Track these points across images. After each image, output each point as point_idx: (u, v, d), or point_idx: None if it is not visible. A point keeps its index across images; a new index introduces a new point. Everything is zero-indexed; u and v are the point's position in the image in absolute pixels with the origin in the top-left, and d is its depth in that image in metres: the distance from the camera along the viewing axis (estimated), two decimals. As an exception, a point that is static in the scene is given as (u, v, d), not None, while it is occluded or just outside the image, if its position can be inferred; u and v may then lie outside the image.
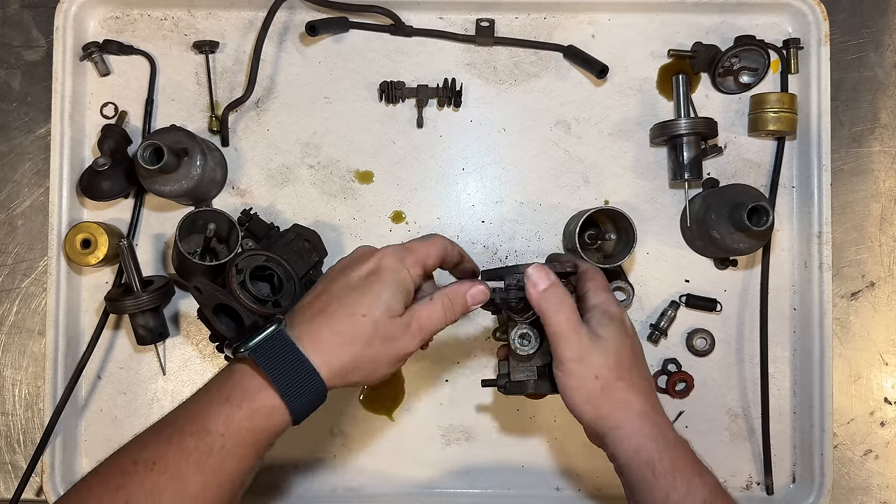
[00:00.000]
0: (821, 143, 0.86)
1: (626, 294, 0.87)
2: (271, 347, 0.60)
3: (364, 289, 0.62)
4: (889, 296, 0.91)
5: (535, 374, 0.71)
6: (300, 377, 0.59)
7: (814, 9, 0.87)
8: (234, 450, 0.58)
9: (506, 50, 0.89)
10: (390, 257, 0.64)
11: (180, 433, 0.58)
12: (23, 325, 0.90)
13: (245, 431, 0.58)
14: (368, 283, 0.63)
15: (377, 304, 0.61)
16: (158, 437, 0.59)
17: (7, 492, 0.88)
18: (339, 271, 0.65)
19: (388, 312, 0.62)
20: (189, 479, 0.57)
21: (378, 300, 0.62)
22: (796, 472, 0.88)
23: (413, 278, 0.64)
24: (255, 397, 0.59)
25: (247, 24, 0.89)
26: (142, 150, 0.77)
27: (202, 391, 0.61)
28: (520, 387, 0.71)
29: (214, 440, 0.57)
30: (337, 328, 0.61)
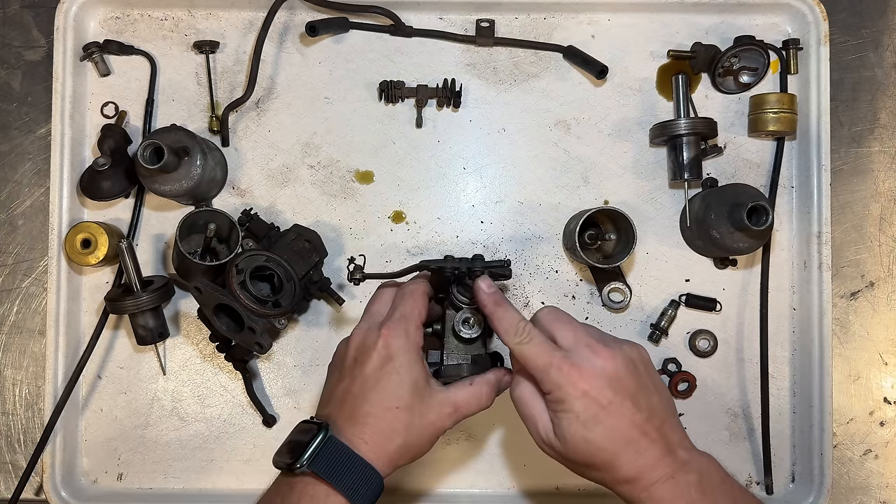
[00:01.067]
0: (820, 143, 0.86)
1: (623, 295, 0.87)
2: (327, 456, 0.62)
3: (384, 381, 0.65)
4: (888, 296, 0.91)
5: (470, 360, 0.72)
6: (361, 477, 0.62)
7: (813, 9, 0.87)
8: None
9: (506, 50, 0.90)
10: (395, 338, 0.66)
11: None
12: (23, 325, 0.90)
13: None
14: (386, 373, 0.65)
15: (404, 392, 0.64)
16: None
17: (7, 491, 0.88)
18: (353, 365, 0.67)
19: (418, 393, 0.65)
20: None
21: (402, 388, 0.64)
22: (796, 471, 0.88)
23: (420, 343, 0.67)
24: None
25: (247, 24, 0.90)
26: (142, 150, 0.77)
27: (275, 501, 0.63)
28: (456, 370, 0.71)
29: None
30: (378, 427, 0.64)
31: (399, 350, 0.66)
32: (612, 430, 0.61)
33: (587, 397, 0.61)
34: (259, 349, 0.78)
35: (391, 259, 0.88)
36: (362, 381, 0.65)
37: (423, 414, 0.65)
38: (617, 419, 0.61)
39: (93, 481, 0.88)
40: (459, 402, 0.66)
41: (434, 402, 0.65)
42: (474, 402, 0.67)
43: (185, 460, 0.88)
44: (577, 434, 0.62)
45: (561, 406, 0.62)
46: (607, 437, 0.61)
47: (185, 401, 0.88)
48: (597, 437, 0.61)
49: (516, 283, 0.88)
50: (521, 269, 0.88)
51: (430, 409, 0.65)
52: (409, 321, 0.67)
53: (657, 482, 0.61)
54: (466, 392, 0.67)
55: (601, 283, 0.87)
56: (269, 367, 0.89)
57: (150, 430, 0.88)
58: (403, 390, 0.64)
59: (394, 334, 0.66)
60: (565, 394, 0.62)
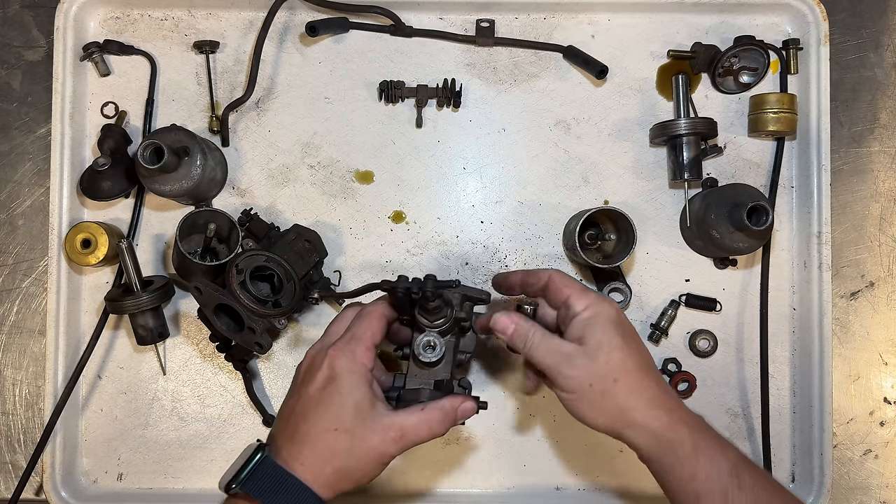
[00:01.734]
0: (820, 143, 0.86)
1: (623, 295, 0.87)
2: (262, 477, 0.61)
3: (326, 401, 0.63)
4: (888, 296, 0.91)
5: (432, 384, 0.69)
6: (295, 499, 0.60)
7: (813, 9, 0.87)
8: None
9: (506, 50, 0.90)
10: (340, 358, 0.65)
11: None
12: (23, 325, 0.90)
13: None
14: (328, 393, 0.63)
15: (345, 414, 0.62)
16: None
17: (7, 491, 0.89)
18: (300, 384, 0.66)
19: (360, 417, 0.62)
20: None
21: (343, 409, 0.62)
22: (796, 471, 0.88)
23: (368, 366, 0.65)
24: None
25: (247, 24, 0.90)
26: (142, 150, 0.77)
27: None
28: (414, 395, 0.68)
29: None
30: (315, 448, 0.62)
31: (343, 371, 0.64)
32: (638, 349, 0.67)
33: (620, 313, 0.67)
34: (259, 349, 0.78)
35: (391, 259, 0.88)
36: (305, 400, 0.64)
37: (365, 437, 0.62)
38: (640, 343, 0.68)
39: (93, 481, 0.88)
40: (406, 428, 0.63)
41: (378, 425, 0.62)
42: (424, 428, 0.64)
43: (185, 460, 0.88)
44: (614, 341, 0.65)
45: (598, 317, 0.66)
46: (637, 353, 0.66)
47: (185, 401, 0.88)
48: (629, 348, 0.66)
49: (516, 283, 0.88)
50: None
51: (374, 432, 0.62)
52: (359, 342, 0.66)
53: (679, 407, 0.66)
54: (416, 417, 0.64)
55: (601, 283, 0.87)
56: (269, 367, 0.89)
57: (150, 430, 0.88)
58: (344, 412, 0.62)
59: (339, 355, 0.65)
60: (602, 307, 0.67)
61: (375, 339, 0.67)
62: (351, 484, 0.63)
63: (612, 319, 0.66)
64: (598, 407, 0.65)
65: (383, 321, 0.68)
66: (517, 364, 0.88)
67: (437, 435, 0.65)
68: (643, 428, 0.65)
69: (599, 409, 0.65)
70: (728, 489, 0.63)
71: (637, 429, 0.65)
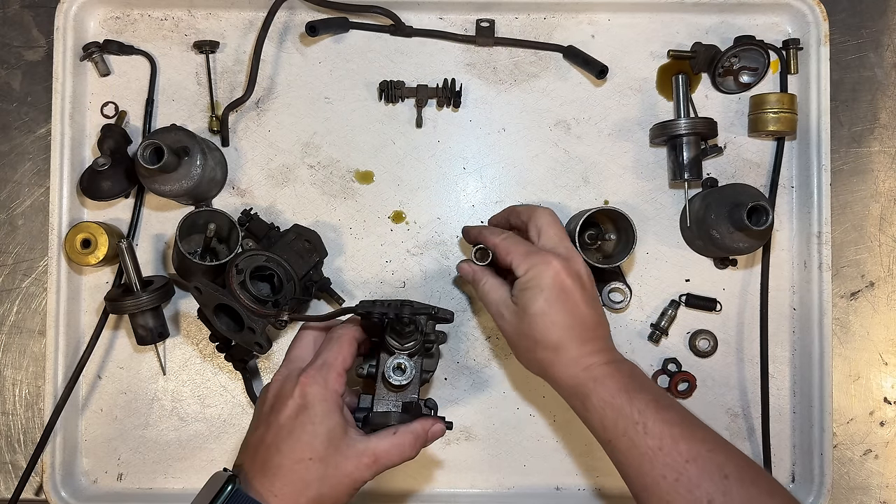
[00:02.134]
0: (820, 143, 0.86)
1: (623, 295, 0.87)
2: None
3: (298, 431, 0.63)
4: (888, 296, 0.91)
5: (401, 407, 0.69)
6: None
7: (813, 9, 0.87)
8: None
9: (506, 50, 0.90)
10: (312, 385, 0.65)
11: None
12: (23, 325, 0.90)
13: None
14: (301, 423, 0.63)
15: (318, 443, 0.62)
16: None
17: (7, 491, 0.89)
18: (269, 412, 0.65)
19: (333, 444, 0.63)
20: None
21: (316, 438, 0.62)
22: (796, 471, 0.88)
23: (340, 391, 0.66)
24: None
25: (247, 24, 0.90)
26: (142, 150, 0.77)
27: None
28: (383, 418, 0.68)
29: None
30: (289, 478, 0.61)
31: (315, 399, 0.64)
32: (568, 313, 0.70)
33: (557, 277, 0.70)
34: (259, 349, 0.78)
35: (391, 259, 0.88)
36: (276, 430, 0.64)
37: (338, 465, 0.62)
38: (573, 305, 0.71)
39: (93, 481, 0.88)
40: (379, 453, 0.64)
41: (351, 452, 0.63)
42: (396, 452, 0.65)
43: (185, 460, 0.88)
44: (539, 308, 0.70)
45: (531, 283, 0.70)
46: (562, 317, 0.70)
47: (185, 401, 0.88)
48: (554, 314, 0.70)
49: (516, 283, 0.88)
50: (521, 269, 0.88)
51: (347, 459, 0.62)
52: (330, 369, 0.66)
53: (596, 364, 0.69)
54: (388, 442, 0.65)
55: (601, 283, 0.87)
56: (269, 367, 0.89)
57: (150, 430, 0.88)
58: (317, 440, 0.62)
59: (311, 382, 0.65)
60: (539, 271, 0.70)
61: (346, 364, 0.67)
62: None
63: (545, 285, 0.70)
64: (524, 357, 0.74)
65: (354, 345, 0.69)
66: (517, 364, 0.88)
67: (408, 458, 0.66)
68: (560, 382, 0.71)
69: (526, 359, 0.74)
70: (634, 437, 0.65)
71: (556, 382, 0.72)
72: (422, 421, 0.68)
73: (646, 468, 0.64)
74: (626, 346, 0.88)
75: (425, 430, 0.67)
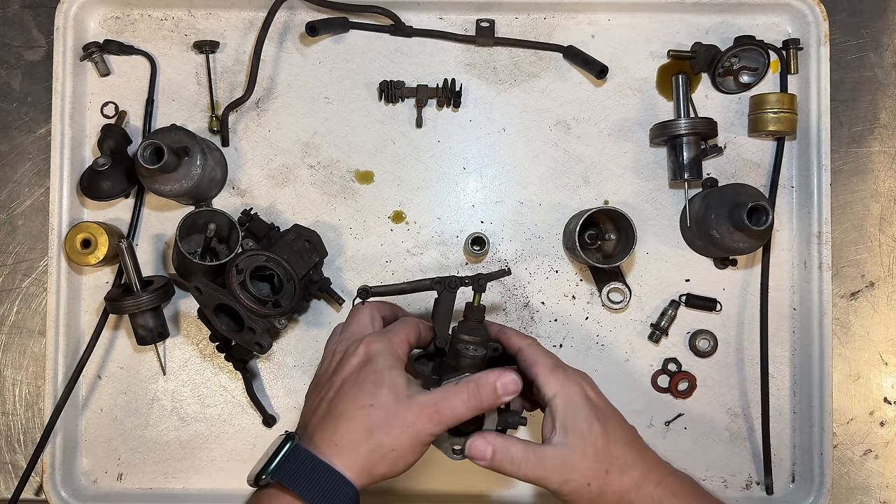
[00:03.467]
0: (820, 143, 0.86)
1: (623, 295, 0.87)
2: (293, 465, 0.59)
3: (361, 380, 0.62)
4: (889, 296, 0.91)
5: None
6: (330, 486, 0.58)
7: (813, 9, 0.87)
8: None
9: (506, 50, 0.90)
10: (377, 343, 0.64)
11: None
12: (23, 325, 0.90)
13: None
14: (364, 373, 0.63)
15: (381, 391, 0.61)
16: None
17: (7, 491, 0.89)
18: (333, 372, 0.65)
19: (395, 395, 0.61)
20: None
21: (380, 387, 0.61)
22: (796, 471, 0.88)
23: (402, 356, 0.65)
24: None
25: (247, 24, 0.90)
26: (142, 150, 0.77)
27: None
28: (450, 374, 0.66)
29: None
30: (350, 425, 0.60)
31: (379, 353, 0.64)
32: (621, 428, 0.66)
33: (591, 393, 0.66)
34: (259, 349, 0.78)
35: (391, 259, 0.88)
36: (339, 383, 0.64)
37: (399, 413, 0.60)
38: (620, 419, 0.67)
39: (93, 481, 0.88)
40: (441, 403, 0.61)
41: (413, 403, 0.61)
42: (459, 401, 0.62)
43: (185, 460, 0.88)
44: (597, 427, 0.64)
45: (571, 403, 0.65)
46: (621, 434, 0.65)
47: (185, 401, 0.88)
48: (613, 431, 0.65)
49: (516, 283, 0.88)
50: (522, 269, 0.88)
51: (409, 409, 0.61)
52: (395, 334, 0.66)
53: (643, 481, 0.64)
54: (450, 391, 0.62)
55: (601, 283, 0.87)
56: (269, 367, 0.89)
57: (150, 430, 0.88)
58: (380, 390, 0.61)
59: (375, 340, 0.65)
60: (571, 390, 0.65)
61: (410, 337, 0.67)
62: (387, 467, 0.61)
63: (585, 403, 0.65)
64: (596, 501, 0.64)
65: (418, 331, 0.68)
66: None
67: (475, 409, 0.62)
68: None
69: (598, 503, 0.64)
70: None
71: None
72: (489, 371, 0.64)
73: None
74: (626, 346, 0.88)
75: (491, 381, 0.63)
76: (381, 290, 0.75)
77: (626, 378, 0.88)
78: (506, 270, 0.72)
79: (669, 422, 0.88)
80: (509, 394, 0.63)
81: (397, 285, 0.76)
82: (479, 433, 0.64)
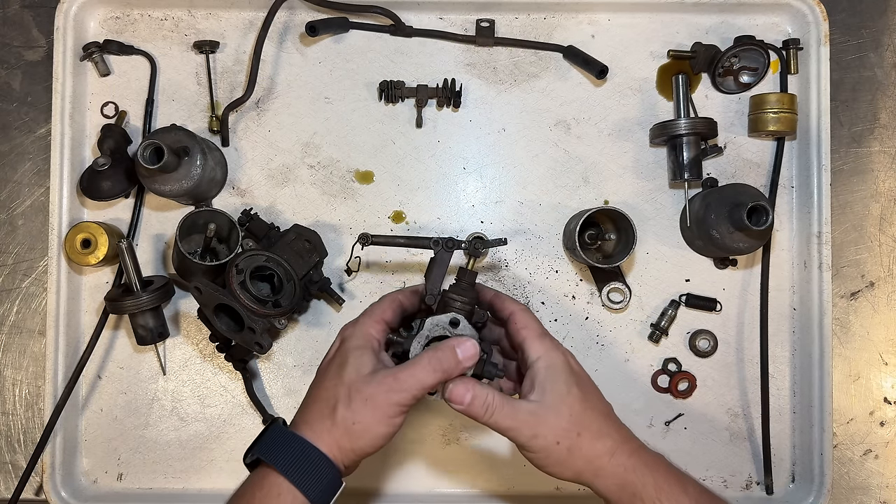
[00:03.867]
0: (820, 143, 0.86)
1: (623, 295, 0.87)
2: (270, 441, 0.66)
3: (331, 366, 0.68)
4: (889, 296, 0.91)
5: None
6: (300, 454, 0.63)
7: (813, 9, 0.87)
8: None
9: (506, 50, 0.90)
10: (349, 328, 0.70)
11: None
12: (23, 325, 0.90)
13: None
14: (335, 358, 0.69)
15: (345, 371, 0.66)
16: None
17: (7, 491, 0.88)
18: (320, 364, 0.71)
19: (357, 373, 0.65)
20: None
21: (344, 367, 0.66)
22: (796, 471, 0.88)
23: (375, 335, 0.69)
24: (263, 484, 0.63)
25: (247, 24, 0.90)
26: (142, 150, 0.77)
27: (230, 501, 0.66)
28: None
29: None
30: (317, 405, 0.66)
31: (349, 337, 0.69)
32: (599, 398, 0.69)
33: (573, 364, 0.69)
34: (259, 349, 0.78)
35: (391, 259, 0.88)
36: (319, 374, 0.69)
37: (360, 389, 0.64)
38: (597, 390, 0.70)
39: (93, 481, 0.88)
40: (400, 374, 0.64)
41: (374, 378, 0.64)
42: (419, 371, 0.64)
43: (185, 460, 0.88)
44: (574, 392, 0.67)
45: (552, 367, 0.68)
46: (599, 402, 0.69)
47: (185, 401, 0.88)
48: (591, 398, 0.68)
49: (516, 283, 0.88)
50: (522, 269, 0.88)
51: (368, 384, 0.64)
52: (368, 316, 0.70)
53: (615, 452, 0.66)
54: (411, 363, 0.65)
55: (601, 283, 0.87)
56: (269, 367, 0.89)
57: (150, 430, 0.88)
58: (344, 369, 0.66)
59: (348, 327, 0.70)
60: (555, 356, 0.68)
61: (385, 315, 0.70)
62: (354, 440, 0.64)
63: (566, 369, 0.67)
64: (564, 462, 0.66)
65: (396, 303, 0.72)
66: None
67: (439, 376, 0.64)
68: (609, 476, 0.66)
69: (566, 464, 0.66)
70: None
71: (603, 478, 0.66)
72: (448, 340, 0.67)
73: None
74: (626, 346, 0.88)
75: (451, 346, 0.65)
76: (380, 239, 0.76)
77: (626, 378, 0.88)
78: (502, 240, 0.75)
79: (669, 422, 0.88)
80: (469, 358, 0.66)
81: (397, 237, 0.78)
82: (461, 378, 0.66)
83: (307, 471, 0.62)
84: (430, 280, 0.72)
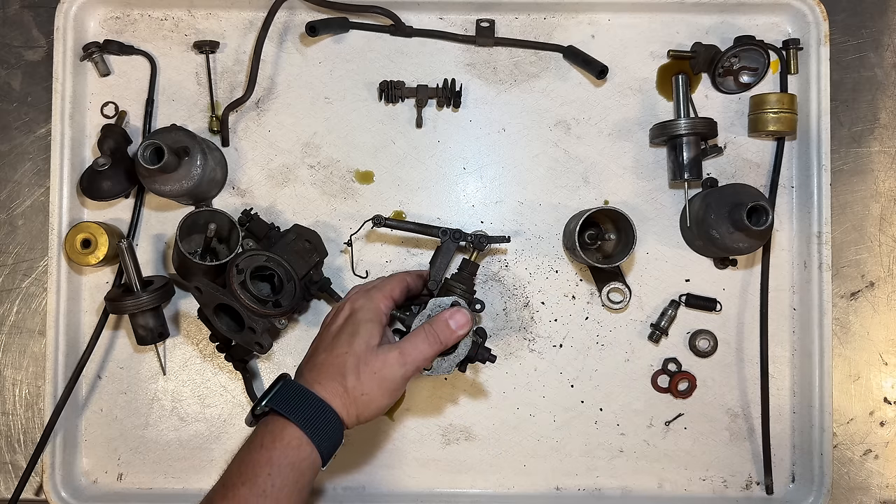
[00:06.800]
0: (820, 143, 0.86)
1: (623, 295, 0.87)
2: (285, 394, 0.69)
3: (342, 333, 0.72)
4: (888, 296, 0.91)
5: None
6: (316, 411, 0.68)
7: (813, 9, 0.87)
8: (283, 486, 0.64)
9: (506, 50, 0.90)
10: (360, 299, 0.74)
11: (233, 487, 0.65)
12: (23, 325, 0.90)
13: (286, 468, 0.65)
14: (345, 326, 0.72)
15: (355, 340, 0.70)
16: (215, 496, 0.65)
17: (7, 491, 0.89)
18: (324, 329, 0.75)
19: (367, 344, 0.70)
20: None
21: (355, 336, 0.71)
22: (796, 471, 0.88)
23: (383, 310, 0.73)
24: (283, 435, 0.66)
25: (247, 24, 0.90)
26: (142, 150, 0.77)
27: (242, 449, 0.68)
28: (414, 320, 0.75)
29: (264, 482, 0.64)
30: (329, 370, 0.70)
31: (360, 308, 0.73)
32: None
33: None
34: (259, 349, 0.78)
35: (391, 259, 0.88)
36: (327, 335, 0.73)
37: (368, 361, 0.69)
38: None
39: (93, 481, 0.88)
40: (405, 349, 0.70)
41: (380, 351, 0.70)
42: (420, 344, 0.71)
43: (185, 460, 0.88)
44: None
45: None
46: None
47: (185, 401, 0.88)
48: None
49: (516, 283, 0.88)
50: (521, 269, 0.88)
51: (376, 357, 0.69)
52: (378, 291, 0.74)
53: None
54: (412, 339, 0.71)
55: (601, 283, 0.87)
56: (269, 367, 0.89)
57: (150, 430, 0.88)
58: (355, 339, 0.70)
59: (358, 298, 0.74)
60: None
61: (394, 292, 0.75)
62: (360, 408, 0.69)
63: None
64: None
65: (404, 283, 0.76)
66: (516, 364, 0.88)
67: (437, 347, 0.71)
68: None
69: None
70: None
71: None
72: (441, 312, 0.73)
73: None
74: (626, 346, 0.88)
75: (444, 320, 0.72)
76: (393, 223, 0.81)
77: (626, 378, 0.88)
78: (506, 238, 0.82)
79: (669, 422, 0.88)
80: (462, 327, 0.72)
81: (408, 223, 0.82)
82: (458, 307, 0.73)
83: (322, 427, 0.67)
84: (434, 266, 0.79)
